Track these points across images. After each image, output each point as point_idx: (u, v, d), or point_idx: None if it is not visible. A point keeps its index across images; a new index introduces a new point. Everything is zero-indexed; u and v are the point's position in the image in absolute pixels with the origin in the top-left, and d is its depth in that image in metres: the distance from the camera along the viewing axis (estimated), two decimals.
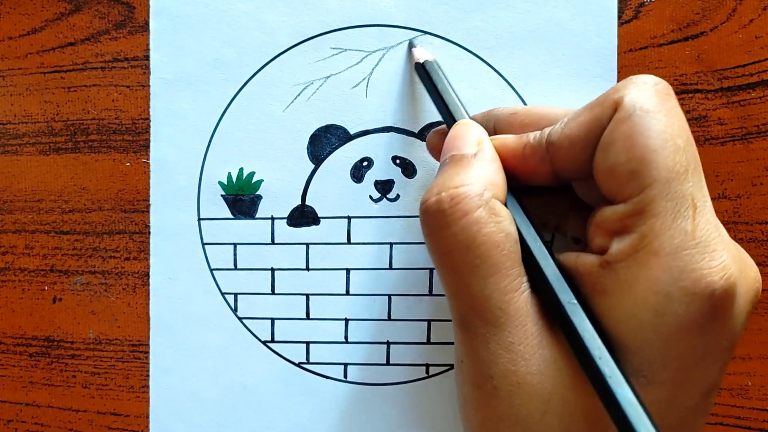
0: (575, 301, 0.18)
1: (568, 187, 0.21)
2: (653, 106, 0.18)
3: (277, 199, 0.28)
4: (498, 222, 0.19)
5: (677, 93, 0.27)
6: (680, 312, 0.16)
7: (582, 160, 0.19)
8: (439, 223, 0.19)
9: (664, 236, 0.17)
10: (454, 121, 0.23)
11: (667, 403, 0.17)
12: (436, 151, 0.25)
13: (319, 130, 0.28)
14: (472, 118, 0.23)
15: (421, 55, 0.26)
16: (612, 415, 0.16)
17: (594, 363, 0.17)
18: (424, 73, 0.25)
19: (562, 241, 0.24)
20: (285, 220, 0.28)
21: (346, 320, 0.28)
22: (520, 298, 0.19)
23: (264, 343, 0.28)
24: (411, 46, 0.27)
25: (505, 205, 0.20)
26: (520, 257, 0.19)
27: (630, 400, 0.16)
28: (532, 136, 0.21)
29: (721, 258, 0.17)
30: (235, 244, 0.28)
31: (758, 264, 0.26)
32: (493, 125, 0.23)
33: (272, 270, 0.28)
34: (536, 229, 0.20)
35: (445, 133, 0.23)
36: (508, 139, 0.21)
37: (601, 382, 0.17)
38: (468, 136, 0.21)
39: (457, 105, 0.24)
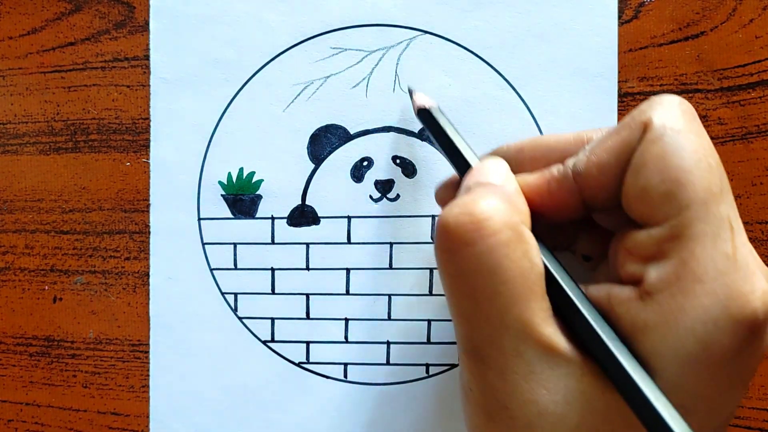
0: (619, 342, 0.17)
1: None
2: (683, 125, 0.17)
3: (277, 199, 0.28)
4: (525, 250, 0.18)
5: (677, 93, 0.27)
6: (726, 341, 0.16)
7: (613, 187, 0.18)
8: (462, 241, 0.18)
9: (706, 261, 0.16)
10: (467, 166, 0.22)
11: (696, 430, 0.17)
12: (445, 204, 0.24)
13: (319, 129, 0.28)
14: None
15: (422, 101, 0.24)
16: None
17: (647, 402, 0.16)
18: (429, 118, 0.24)
19: (569, 257, 0.23)
20: (285, 220, 0.28)
21: (346, 320, 0.28)
22: (544, 330, 0.17)
23: (264, 342, 0.28)
24: (411, 92, 0.26)
25: None
26: (544, 289, 0.18)
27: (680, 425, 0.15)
28: (555, 169, 0.20)
29: (761, 281, 0.16)
30: (235, 244, 0.28)
31: None
32: None
33: (272, 270, 0.28)
34: (562, 264, 0.19)
35: (455, 185, 0.22)
36: (529, 178, 0.20)
37: (653, 417, 0.16)
38: (493, 168, 0.20)
39: (469, 150, 0.22)
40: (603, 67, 0.27)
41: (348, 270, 0.28)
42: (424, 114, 0.24)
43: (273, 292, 0.28)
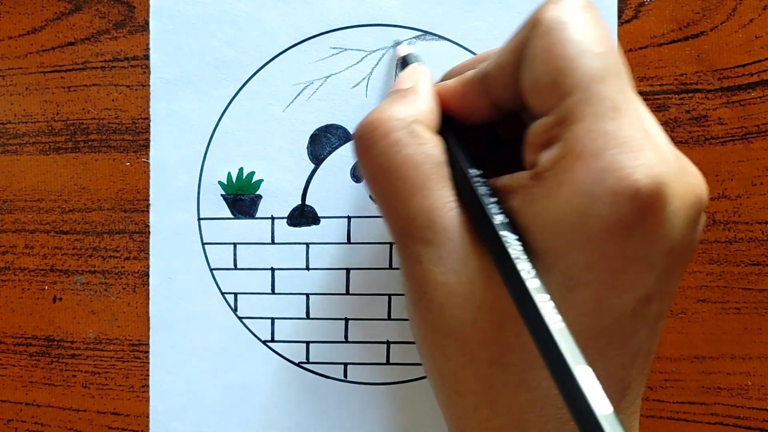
0: (499, 212, 0.18)
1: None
2: (570, 18, 0.18)
3: (277, 199, 0.28)
4: (419, 144, 0.19)
5: (677, 93, 0.27)
6: (604, 212, 0.16)
7: (514, 85, 0.19)
8: (363, 147, 0.20)
9: (586, 139, 0.17)
10: None
11: (596, 305, 0.17)
12: None
13: (319, 129, 0.28)
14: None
15: (403, 50, 0.26)
16: (519, 307, 0.16)
17: (504, 253, 0.17)
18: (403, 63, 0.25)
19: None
20: (285, 220, 0.28)
21: (346, 320, 0.28)
22: (446, 215, 0.19)
23: (264, 342, 0.28)
24: (396, 44, 0.27)
25: (441, 134, 0.20)
26: (447, 178, 0.20)
27: (541, 297, 0.16)
28: (469, 73, 0.21)
29: (646, 157, 0.16)
30: (235, 244, 0.28)
31: (759, 264, 0.27)
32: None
33: (272, 270, 0.28)
34: (469, 156, 0.20)
35: None
36: (449, 82, 0.22)
37: (510, 276, 0.17)
38: (407, 74, 0.22)
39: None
40: None
41: (348, 270, 0.28)
42: (401, 61, 0.26)
43: (273, 292, 0.28)
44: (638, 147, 0.17)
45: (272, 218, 0.28)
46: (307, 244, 0.28)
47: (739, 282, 0.27)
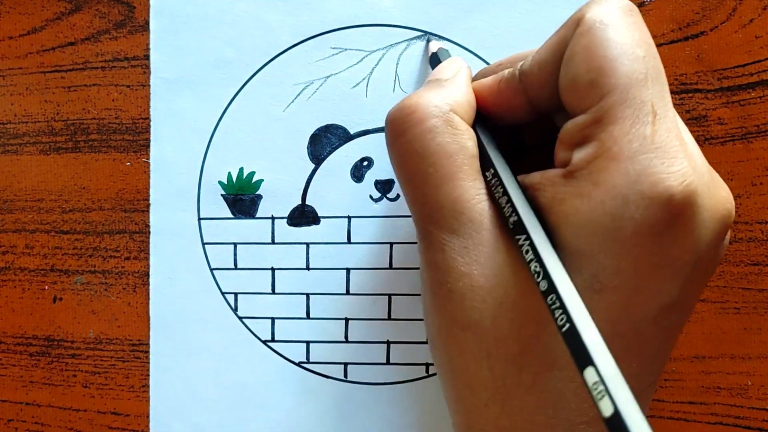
0: (530, 208, 0.18)
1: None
2: (613, 19, 0.18)
3: (277, 199, 0.28)
4: (453, 134, 0.19)
5: (677, 93, 0.27)
6: (637, 216, 0.16)
7: (552, 83, 0.19)
8: (397, 131, 0.20)
9: (623, 141, 0.17)
10: None
11: (620, 310, 0.17)
12: None
13: (319, 129, 0.28)
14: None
15: (435, 45, 0.26)
16: (551, 310, 0.16)
17: (534, 250, 0.17)
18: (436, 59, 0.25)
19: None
20: (285, 220, 0.28)
21: (346, 320, 0.28)
22: (475, 207, 0.19)
23: (264, 342, 0.28)
24: (428, 41, 0.27)
25: (473, 127, 0.20)
26: (478, 171, 0.20)
27: (576, 302, 0.16)
28: (508, 71, 0.21)
29: (681, 164, 0.16)
30: (235, 244, 0.28)
31: (758, 264, 0.27)
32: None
33: (272, 269, 0.28)
34: (501, 152, 0.20)
35: None
36: (486, 79, 0.22)
37: (540, 273, 0.17)
38: (448, 65, 0.22)
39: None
40: None
41: (348, 270, 0.28)
42: (433, 58, 0.26)
43: (273, 292, 0.28)
44: (674, 154, 0.16)
45: (272, 218, 0.28)
46: (307, 244, 0.28)
47: (739, 282, 0.27)
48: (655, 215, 0.16)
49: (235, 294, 0.29)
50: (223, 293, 0.29)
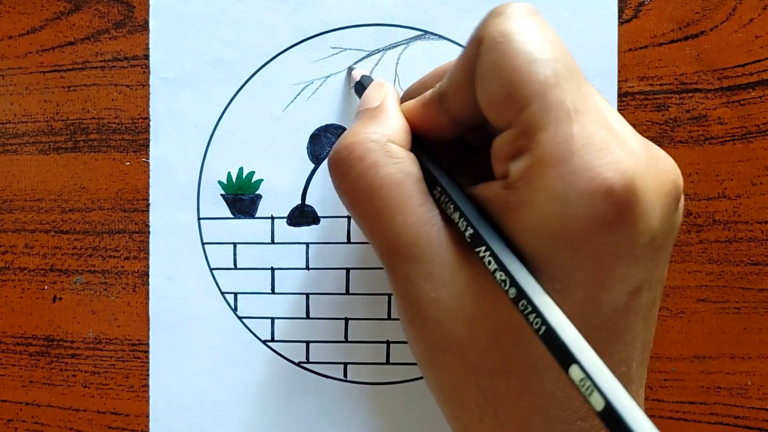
0: (482, 219, 0.18)
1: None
2: (513, 30, 0.18)
3: (277, 199, 0.28)
4: (395, 163, 0.19)
5: (677, 92, 0.27)
6: (581, 214, 0.16)
7: (471, 102, 0.19)
8: (341, 173, 0.20)
9: (551, 146, 0.17)
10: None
11: (589, 305, 0.17)
12: None
13: (319, 129, 0.28)
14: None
15: (358, 73, 0.27)
16: (524, 316, 0.16)
17: (496, 260, 0.17)
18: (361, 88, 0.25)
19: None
20: (285, 220, 0.28)
21: (346, 320, 0.28)
22: (431, 230, 0.19)
23: (264, 342, 0.28)
24: (350, 70, 0.27)
25: (413, 149, 0.21)
26: (427, 194, 0.20)
27: (547, 303, 0.16)
28: (429, 93, 0.21)
29: (612, 154, 0.16)
30: (234, 244, 0.28)
31: (758, 263, 0.27)
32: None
33: (272, 269, 0.28)
34: (444, 169, 0.20)
35: None
36: (410, 102, 0.22)
37: (506, 280, 0.17)
38: (373, 92, 0.22)
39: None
40: (603, 66, 0.27)
41: (348, 270, 0.28)
42: (358, 86, 0.26)
43: (273, 292, 0.28)
44: (603, 145, 0.17)
45: (272, 218, 0.28)
46: (307, 244, 0.28)
47: (739, 282, 0.27)
48: (599, 209, 0.16)
49: (235, 294, 0.29)
50: (222, 293, 0.29)
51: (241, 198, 0.28)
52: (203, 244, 0.29)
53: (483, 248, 0.18)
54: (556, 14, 0.27)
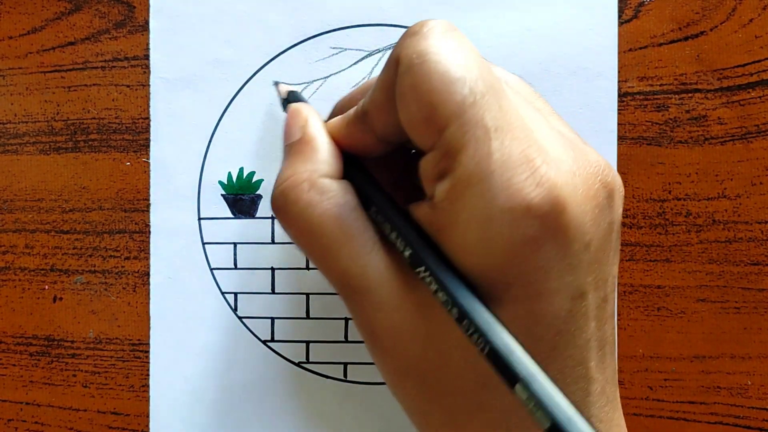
0: (422, 241, 0.18)
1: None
2: (429, 48, 0.18)
3: None
4: (330, 198, 0.19)
5: (677, 93, 0.27)
6: (505, 232, 0.16)
7: (394, 122, 0.19)
8: (281, 217, 0.20)
9: (471, 166, 0.17)
10: None
11: (529, 318, 0.17)
12: None
13: None
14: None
15: (284, 89, 0.26)
16: (468, 336, 0.16)
17: (436, 279, 0.17)
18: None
19: None
20: None
21: (346, 320, 0.28)
22: (375, 258, 0.19)
23: (264, 342, 0.28)
24: (276, 84, 0.27)
25: (344, 177, 0.20)
26: (366, 220, 0.20)
27: (490, 322, 0.16)
28: (352, 110, 0.21)
29: (531, 168, 0.16)
30: (235, 244, 0.28)
31: (758, 263, 0.27)
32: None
33: (272, 269, 0.28)
34: (379, 190, 0.20)
35: None
36: (335, 121, 0.21)
37: (446, 300, 0.17)
38: (293, 123, 0.22)
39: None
40: (603, 66, 0.27)
41: None
42: (284, 102, 0.25)
43: (273, 292, 0.28)
44: (524, 160, 0.17)
45: (272, 218, 0.28)
46: None
47: (739, 282, 0.27)
48: (521, 226, 0.16)
49: (235, 294, 0.29)
50: (222, 293, 0.29)
51: (242, 198, 0.28)
52: (203, 244, 0.29)
53: (422, 269, 0.18)
54: (556, 14, 0.27)
